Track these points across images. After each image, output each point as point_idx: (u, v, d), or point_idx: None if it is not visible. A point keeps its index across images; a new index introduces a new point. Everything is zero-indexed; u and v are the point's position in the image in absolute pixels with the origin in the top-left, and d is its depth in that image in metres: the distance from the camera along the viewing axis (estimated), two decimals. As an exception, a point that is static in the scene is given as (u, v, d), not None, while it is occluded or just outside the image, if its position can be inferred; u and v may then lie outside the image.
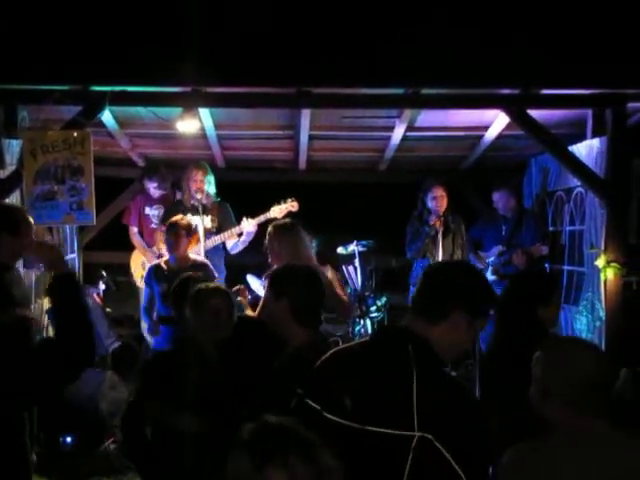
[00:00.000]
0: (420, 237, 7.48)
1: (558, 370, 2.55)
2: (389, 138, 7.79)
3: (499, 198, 7.68)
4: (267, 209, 7.29)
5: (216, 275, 6.59)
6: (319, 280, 3.60)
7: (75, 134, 6.03)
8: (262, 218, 7.24)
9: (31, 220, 4.17)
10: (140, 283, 7.93)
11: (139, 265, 8.13)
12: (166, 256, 6.71)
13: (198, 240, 7.01)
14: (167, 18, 5.60)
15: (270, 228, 5.71)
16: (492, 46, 5.78)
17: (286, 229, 5.65)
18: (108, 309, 7.93)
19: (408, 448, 2.17)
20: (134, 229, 8.36)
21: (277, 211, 7.23)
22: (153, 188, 8.29)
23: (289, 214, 7.21)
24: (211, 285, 4.20)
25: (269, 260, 5.66)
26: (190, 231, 6.58)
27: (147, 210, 8.34)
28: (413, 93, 6.18)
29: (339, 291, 5.90)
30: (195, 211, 7.30)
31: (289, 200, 7.30)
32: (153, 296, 6.49)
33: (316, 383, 2.46)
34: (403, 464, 2.17)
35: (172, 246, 6.43)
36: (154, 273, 6.50)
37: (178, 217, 6.64)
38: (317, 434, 2.27)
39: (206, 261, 6.63)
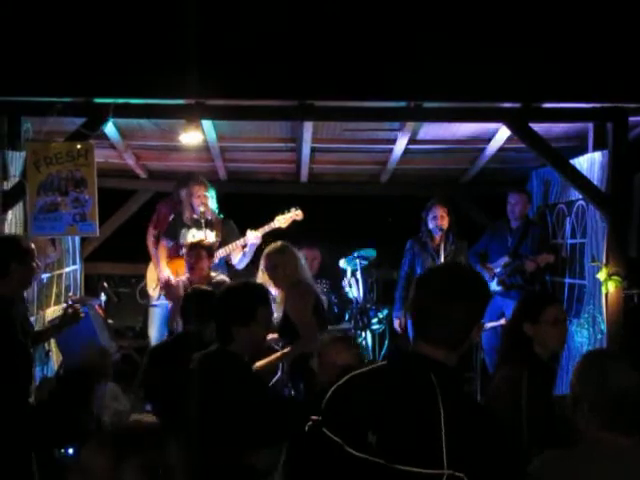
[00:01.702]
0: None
1: (591, 382, 2.54)
2: (391, 151, 7.80)
3: (518, 200, 7.53)
4: (269, 221, 7.31)
5: None
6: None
7: (78, 146, 6.05)
8: (266, 228, 7.30)
9: (33, 247, 4.32)
10: (153, 292, 7.88)
11: (154, 273, 8.06)
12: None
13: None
14: (170, 31, 5.62)
15: (264, 255, 5.74)
16: (494, 59, 5.79)
17: (279, 252, 5.68)
18: (110, 320, 7.92)
19: None
20: (152, 231, 8.14)
21: (282, 220, 7.28)
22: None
23: (294, 223, 7.25)
24: None
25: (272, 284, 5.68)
26: (212, 251, 6.62)
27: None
28: (415, 106, 6.19)
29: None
30: (198, 225, 7.31)
31: (293, 209, 7.34)
32: None
33: (335, 413, 2.36)
34: None
35: (192, 267, 6.49)
36: None
37: (198, 239, 6.67)
38: (338, 468, 2.27)
39: (224, 278, 6.66)
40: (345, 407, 2.34)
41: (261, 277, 5.82)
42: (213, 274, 6.65)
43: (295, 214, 7.32)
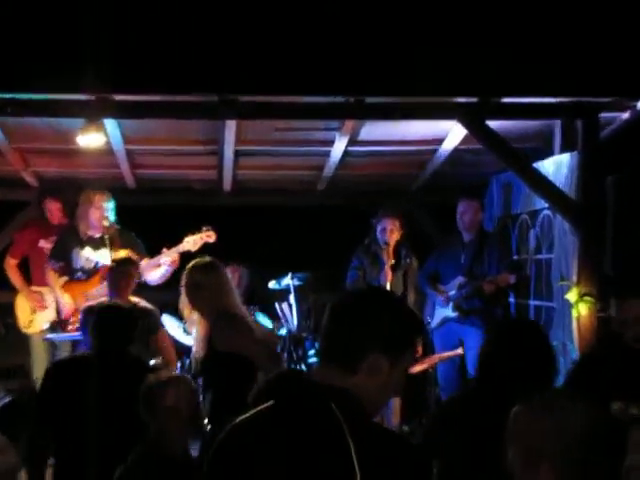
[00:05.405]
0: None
1: (548, 430, 2.43)
2: (328, 154, 7.86)
3: (466, 209, 7.62)
4: (177, 242, 7.22)
5: None
6: None
7: (-45, 150, 5.95)
8: (175, 251, 7.16)
9: None
10: (28, 329, 7.74)
11: (26, 308, 7.91)
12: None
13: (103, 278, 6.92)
14: (70, 15, 5.56)
15: (187, 270, 5.50)
16: (446, 49, 5.86)
17: (204, 270, 5.45)
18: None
19: None
20: (12, 261, 8.15)
21: (191, 242, 7.17)
22: (55, 211, 8.13)
23: (205, 245, 7.15)
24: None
25: (183, 304, 5.53)
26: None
27: (42, 243, 8.13)
28: (356, 102, 6.24)
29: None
30: (94, 244, 7.19)
31: (204, 229, 7.22)
32: None
33: (230, 472, 2.30)
34: None
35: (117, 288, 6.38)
36: None
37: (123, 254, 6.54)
38: None
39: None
40: (239, 461, 2.30)
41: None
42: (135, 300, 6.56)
43: (206, 235, 7.20)
